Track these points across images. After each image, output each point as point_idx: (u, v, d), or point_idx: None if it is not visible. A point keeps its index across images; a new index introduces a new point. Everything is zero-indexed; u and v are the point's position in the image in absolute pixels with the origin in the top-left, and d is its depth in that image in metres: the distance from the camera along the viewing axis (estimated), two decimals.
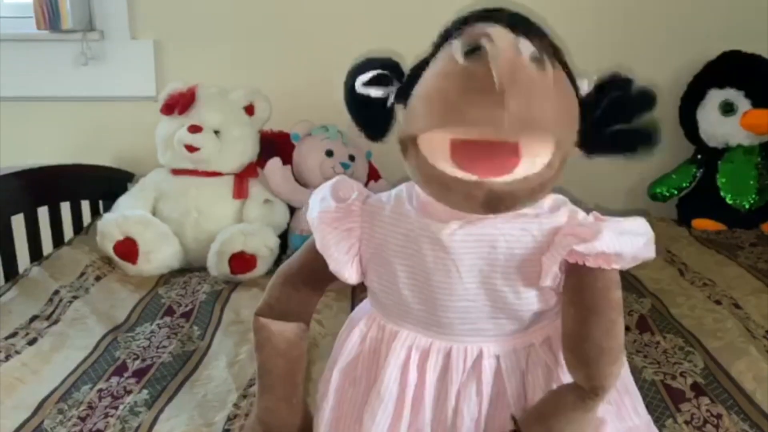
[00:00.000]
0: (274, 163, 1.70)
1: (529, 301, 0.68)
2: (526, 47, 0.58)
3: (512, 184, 0.60)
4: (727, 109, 1.83)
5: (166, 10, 1.97)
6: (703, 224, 1.84)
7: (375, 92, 0.64)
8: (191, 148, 1.61)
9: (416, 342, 0.71)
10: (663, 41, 1.95)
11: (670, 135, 1.98)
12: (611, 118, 0.63)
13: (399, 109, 0.65)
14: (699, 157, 1.91)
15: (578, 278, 0.66)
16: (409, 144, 0.63)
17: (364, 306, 0.78)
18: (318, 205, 0.73)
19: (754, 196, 1.82)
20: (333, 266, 0.71)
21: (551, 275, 0.66)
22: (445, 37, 0.64)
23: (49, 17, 1.85)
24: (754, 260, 1.59)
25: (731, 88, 1.83)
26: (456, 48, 0.58)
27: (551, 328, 0.72)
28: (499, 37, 0.57)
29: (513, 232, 0.66)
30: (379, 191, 1.90)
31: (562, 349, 0.69)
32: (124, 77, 1.98)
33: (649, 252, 0.67)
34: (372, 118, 0.67)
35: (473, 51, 0.57)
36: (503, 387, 0.70)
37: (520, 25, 0.61)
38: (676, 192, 1.92)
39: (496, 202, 0.61)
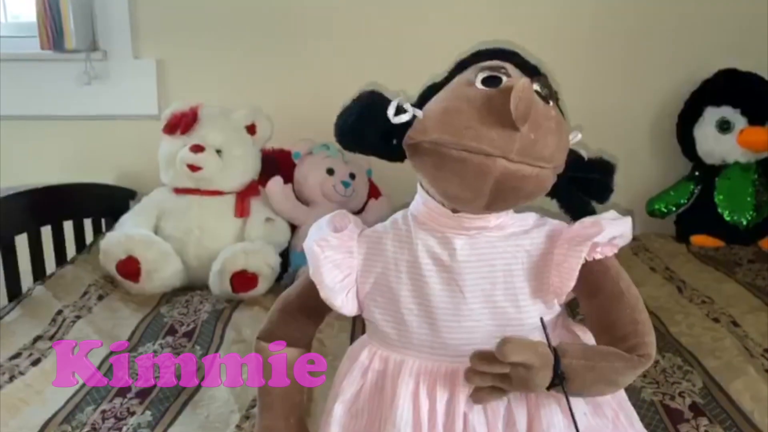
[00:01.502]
0: (276, 182, 1.71)
1: (530, 314, 0.70)
2: (537, 83, 0.66)
3: (521, 164, 0.63)
4: (724, 126, 1.84)
5: (169, 30, 1.99)
6: (702, 240, 1.85)
7: (403, 118, 0.68)
8: (193, 168, 1.62)
9: (423, 368, 0.72)
10: (660, 60, 1.97)
11: (668, 152, 2.00)
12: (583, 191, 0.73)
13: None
14: (697, 173, 1.92)
15: (589, 275, 0.70)
16: (419, 144, 0.66)
17: (362, 340, 0.79)
18: (315, 235, 0.75)
19: (751, 212, 1.83)
20: (324, 294, 0.73)
21: (575, 276, 0.69)
22: (460, 67, 0.71)
23: (53, 37, 1.87)
24: (752, 277, 1.60)
25: (728, 106, 1.85)
26: (476, 75, 0.66)
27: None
28: (514, 71, 0.66)
29: (508, 249, 0.71)
30: (380, 208, 1.92)
31: (597, 339, 0.72)
32: (127, 96, 2.00)
33: (630, 234, 0.73)
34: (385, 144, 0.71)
35: (491, 80, 0.65)
36: (510, 406, 0.70)
37: (526, 64, 0.70)
38: (674, 208, 1.94)
39: (505, 185, 0.64)
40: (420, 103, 0.69)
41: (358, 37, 1.97)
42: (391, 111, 0.68)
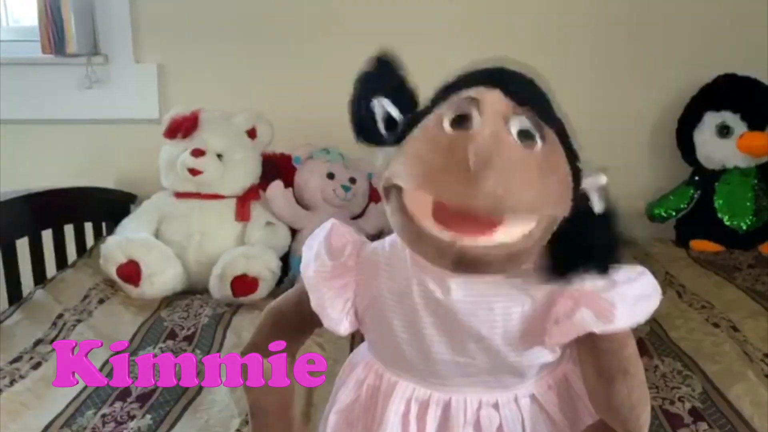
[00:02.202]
0: (276, 186, 1.72)
1: (530, 358, 0.67)
2: (517, 121, 0.57)
3: (486, 248, 0.57)
4: (724, 131, 1.85)
5: (170, 35, 2.00)
6: (702, 245, 1.86)
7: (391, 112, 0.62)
8: (194, 172, 1.63)
9: (415, 394, 0.70)
10: (659, 65, 1.98)
11: (668, 157, 2.00)
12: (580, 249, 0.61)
13: (388, 151, 0.63)
14: (696, 178, 1.92)
15: (592, 342, 0.65)
16: (393, 190, 0.61)
17: (362, 349, 0.78)
18: (312, 263, 0.71)
19: (751, 217, 1.83)
20: (328, 324, 0.71)
21: (560, 344, 0.66)
22: (446, 91, 0.63)
23: (55, 42, 1.88)
24: (752, 282, 1.60)
25: (727, 111, 1.85)
26: (445, 115, 0.58)
27: (552, 378, 0.72)
28: (489, 107, 0.57)
29: (510, 292, 0.64)
30: (381, 212, 1.90)
31: (592, 405, 0.70)
32: (128, 100, 2.00)
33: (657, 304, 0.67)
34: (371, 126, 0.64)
35: (461, 120, 0.57)
36: None
37: (520, 91, 0.60)
38: (674, 213, 1.94)
39: (467, 265, 0.58)
40: (401, 134, 0.62)
41: (360, 42, 1.95)
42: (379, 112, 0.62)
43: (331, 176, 1.73)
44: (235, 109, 1.76)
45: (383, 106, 0.63)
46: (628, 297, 0.63)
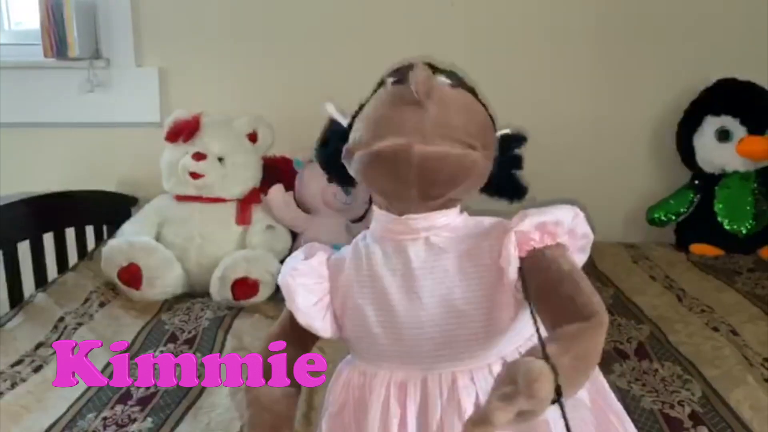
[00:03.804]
0: (277, 190, 1.72)
1: (491, 314, 0.70)
2: (442, 76, 0.71)
3: (439, 153, 0.65)
4: (723, 135, 1.85)
5: (172, 39, 2.01)
6: (701, 249, 1.86)
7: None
8: (195, 175, 1.63)
9: (393, 378, 0.73)
10: (660, 69, 1.98)
11: (668, 161, 2.01)
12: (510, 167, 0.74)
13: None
14: (696, 182, 1.93)
15: (534, 266, 0.68)
16: (350, 154, 0.71)
17: (347, 358, 0.80)
18: (285, 267, 0.78)
19: (751, 221, 1.84)
20: (301, 319, 0.75)
21: (510, 261, 0.68)
22: (380, 84, 0.74)
23: (57, 46, 1.89)
24: (751, 286, 1.61)
25: (727, 115, 1.85)
26: (386, 79, 0.72)
27: (521, 341, 0.73)
28: (419, 67, 0.68)
29: (461, 247, 0.71)
30: None
31: (549, 322, 0.66)
32: (130, 104, 2.01)
33: (585, 227, 0.72)
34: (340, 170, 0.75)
35: (400, 81, 0.69)
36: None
37: (439, 68, 0.73)
38: (674, 217, 1.94)
39: (427, 168, 0.65)
40: (352, 122, 0.73)
41: (360, 46, 1.98)
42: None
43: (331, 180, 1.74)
44: (236, 112, 1.77)
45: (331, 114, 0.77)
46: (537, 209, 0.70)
